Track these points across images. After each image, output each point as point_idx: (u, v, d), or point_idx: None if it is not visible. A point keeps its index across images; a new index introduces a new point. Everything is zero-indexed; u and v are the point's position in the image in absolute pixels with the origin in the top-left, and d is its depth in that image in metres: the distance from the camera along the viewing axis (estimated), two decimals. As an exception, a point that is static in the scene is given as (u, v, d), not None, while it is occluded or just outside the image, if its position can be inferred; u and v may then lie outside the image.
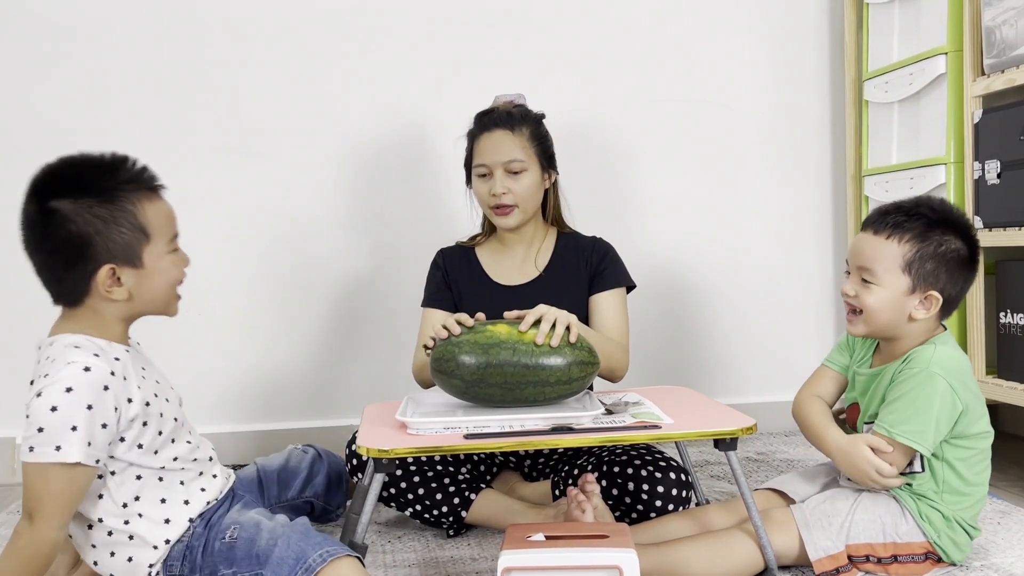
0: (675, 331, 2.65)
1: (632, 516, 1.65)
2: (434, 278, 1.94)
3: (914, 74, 2.23)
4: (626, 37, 2.59)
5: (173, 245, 1.34)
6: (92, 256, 1.26)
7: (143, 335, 1.44)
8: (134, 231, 1.27)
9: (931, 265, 1.44)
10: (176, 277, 1.35)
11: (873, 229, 1.48)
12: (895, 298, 1.46)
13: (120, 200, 1.27)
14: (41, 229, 1.27)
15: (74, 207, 1.25)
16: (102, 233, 1.25)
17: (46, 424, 1.20)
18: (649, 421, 1.43)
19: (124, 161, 1.31)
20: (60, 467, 1.20)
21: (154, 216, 1.30)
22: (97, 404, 1.22)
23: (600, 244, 1.93)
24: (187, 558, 1.31)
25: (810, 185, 2.70)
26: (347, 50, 2.46)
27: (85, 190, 1.26)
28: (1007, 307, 1.99)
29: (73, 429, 1.20)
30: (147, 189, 1.31)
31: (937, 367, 1.42)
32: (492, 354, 1.45)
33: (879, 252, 1.46)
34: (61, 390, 1.20)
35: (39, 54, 2.34)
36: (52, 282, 1.30)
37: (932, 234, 1.44)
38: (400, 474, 1.70)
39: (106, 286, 1.27)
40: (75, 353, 1.24)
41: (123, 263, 1.28)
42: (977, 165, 2.03)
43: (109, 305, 1.29)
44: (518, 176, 1.82)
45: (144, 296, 1.31)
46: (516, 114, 1.86)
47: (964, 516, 1.47)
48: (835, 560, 1.43)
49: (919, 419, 1.42)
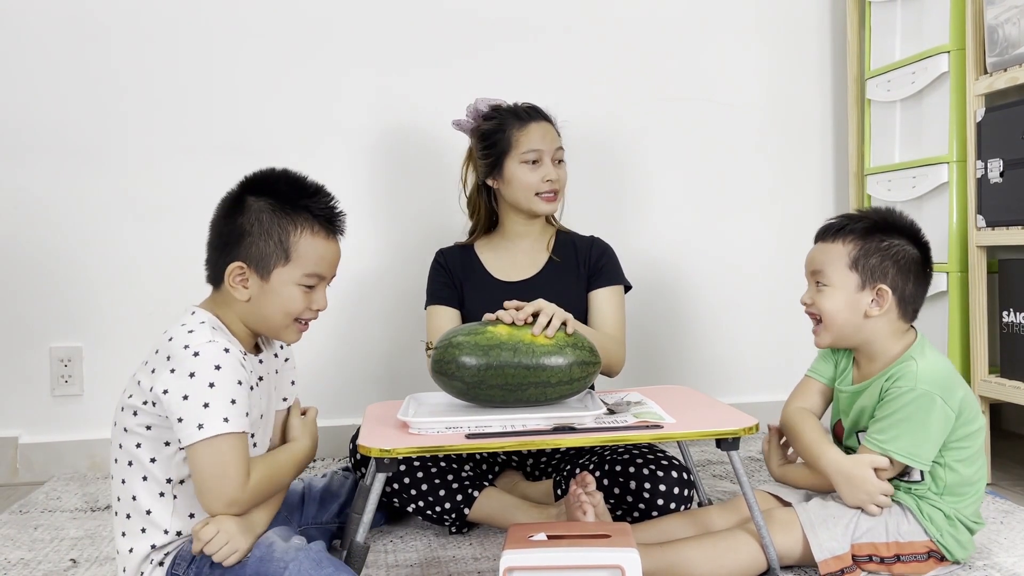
0: (677, 330, 2.65)
1: (634, 515, 1.65)
2: (437, 277, 1.96)
3: (916, 73, 2.23)
4: (627, 37, 2.59)
5: (311, 281, 1.37)
6: (236, 249, 1.35)
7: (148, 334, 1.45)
8: (278, 248, 1.34)
9: (876, 259, 1.49)
10: (295, 309, 1.37)
11: (821, 238, 1.57)
12: (848, 297, 1.51)
13: (290, 217, 1.35)
14: (224, 210, 1.38)
15: (256, 204, 1.35)
16: (254, 235, 1.34)
17: (211, 399, 1.25)
18: (651, 421, 1.42)
19: (322, 193, 1.40)
20: (231, 437, 1.25)
21: (308, 248, 1.36)
22: (241, 379, 1.29)
23: (598, 242, 1.98)
24: (193, 562, 1.29)
25: (812, 184, 2.70)
26: (349, 51, 2.46)
27: (273, 195, 1.36)
28: (1009, 306, 1.98)
29: (232, 402, 1.26)
30: (323, 225, 1.38)
31: (926, 384, 1.44)
32: (493, 355, 1.45)
33: (827, 253, 1.54)
34: (210, 367, 1.26)
35: (41, 53, 2.34)
36: (208, 259, 1.40)
37: (874, 233, 1.51)
38: (403, 470, 1.70)
39: (232, 279, 1.35)
40: (213, 333, 1.30)
41: (254, 268, 1.35)
42: (980, 164, 2.02)
43: (234, 301, 1.36)
44: (562, 165, 1.93)
45: (259, 310, 1.37)
46: (547, 111, 1.94)
47: (966, 512, 1.48)
48: (840, 561, 1.42)
49: (914, 437, 1.43)
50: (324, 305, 1.40)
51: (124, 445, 1.32)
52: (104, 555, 1.72)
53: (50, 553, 1.73)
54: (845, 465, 1.47)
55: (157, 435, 1.31)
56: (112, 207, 2.38)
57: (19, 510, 2.03)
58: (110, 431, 1.38)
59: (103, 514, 1.99)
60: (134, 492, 1.32)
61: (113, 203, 2.38)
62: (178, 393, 1.25)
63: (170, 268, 2.39)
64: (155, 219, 2.40)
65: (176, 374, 1.26)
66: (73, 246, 2.37)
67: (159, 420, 1.30)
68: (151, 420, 1.30)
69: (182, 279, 2.40)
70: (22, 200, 2.34)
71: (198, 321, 1.33)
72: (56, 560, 1.69)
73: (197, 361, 1.26)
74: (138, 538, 1.32)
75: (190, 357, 1.26)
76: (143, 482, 1.31)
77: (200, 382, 1.25)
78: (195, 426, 1.24)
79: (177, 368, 1.26)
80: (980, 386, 2.02)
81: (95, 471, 2.36)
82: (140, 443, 1.31)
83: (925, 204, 2.23)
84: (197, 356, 1.26)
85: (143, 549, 1.31)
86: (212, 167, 2.41)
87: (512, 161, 1.89)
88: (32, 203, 2.34)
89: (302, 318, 1.39)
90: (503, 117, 1.92)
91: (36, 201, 2.34)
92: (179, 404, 1.25)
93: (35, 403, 2.37)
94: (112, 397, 2.36)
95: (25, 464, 2.35)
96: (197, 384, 1.25)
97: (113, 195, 2.38)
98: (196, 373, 1.25)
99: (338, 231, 1.41)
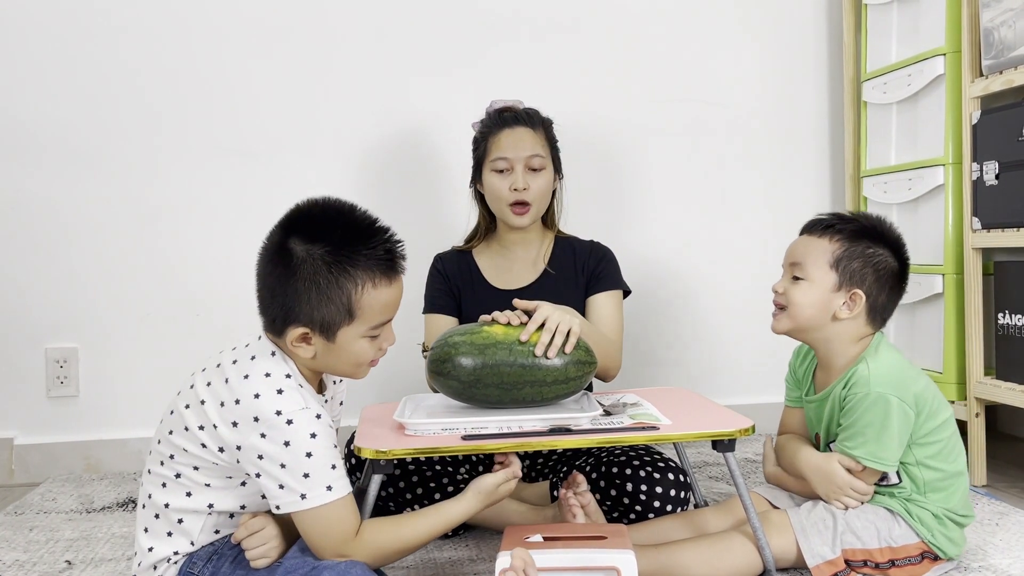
0: (673, 332, 2.65)
1: (630, 517, 1.65)
2: (435, 283, 1.95)
3: (912, 75, 2.23)
4: (624, 38, 2.59)
5: (378, 331, 1.30)
6: (294, 311, 1.25)
7: (144, 336, 1.44)
8: (341, 310, 1.25)
9: (858, 264, 1.49)
10: (364, 359, 1.31)
11: (808, 231, 1.55)
12: (822, 295, 1.50)
13: (349, 274, 1.24)
14: (271, 262, 1.27)
15: (308, 258, 1.23)
16: (312, 300, 1.24)
17: (310, 469, 1.20)
18: (647, 422, 1.43)
19: (379, 232, 1.28)
20: (335, 503, 1.22)
21: (372, 302, 1.26)
22: (335, 441, 1.25)
23: (598, 248, 1.95)
24: (210, 561, 1.28)
25: (809, 186, 2.70)
26: (351, 53, 2.46)
27: (325, 241, 1.23)
28: (1005, 308, 1.99)
29: (333, 468, 1.22)
30: (385, 272, 1.27)
31: (879, 386, 1.44)
32: (489, 355, 1.45)
33: (810, 247, 1.52)
34: (306, 436, 1.20)
35: (40, 54, 2.34)
36: (261, 309, 1.30)
37: (862, 238, 1.50)
38: (399, 474, 1.70)
39: (294, 342, 1.26)
40: (301, 393, 1.24)
41: (317, 331, 1.26)
42: (975, 166, 2.03)
43: (296, 355, 1.29)
44: (537, 173, 1.85)
45: (327, 364, 1.31)
46: (534, 115, 1.89)
47: (953, 507, 1.48)
48: (833, 566, 1.42)
49: (877, 441, 1.44)
50: (392, 341, 1.33)
51: (176, 458, 1.27)
52: (99, 557, 1.71)
53: (45, 555, 1.73)
54: (816, 460, 1.51)
55: (222, 471, 1.27)
56: (109, 208, 2.38)
57: (14, 511, 2.03)
58: (154, 428, 1.34)
59: (99, 516, 1.98)
60: (168, 500, 1.28)
61: (110, 204, 2.38)
62: (274, 460, 1.20)
63: (167, 269, 2.39)
64: (152, 220, 2.39)
65: (268, 439, 1.20)
66: (69, 247, 2.36)
67: (231, 468, 1.26)
68: (219, 459, 1.25)
69: (180, 281, 2.41)
70: (18, 200, 2.34)
71: (283, 375, 1.25)
72: (51, 562, 1.69)
73: (291, 430, 1.20)
74: (162, 540, 1.29)
75: (283, 425, 1.20)
76: (187, 498, 1.28)
77: (297, 452, 1.20)
78: (297, 496, 1.20)
79: (268, 434, 1.20)
80: (976, 388, 2.02)
81: (91, 472, 2.36)
82: (198, 466, 1.27)
83: (921, 206, 2.24)
84: (291, 424, 1.20)
85: (164, 551, 1.29)
86: (211, 168, 2.42)
87: (486, 168, 1.88)
88: (29, 203, 2.34)
89: (373, 360, 1.33)
90: (487, 122, 1.90)
91: (33, 201, 2.34)
92: (277, 471, 1.20)
93: (31, 404, 2.36)
94: (108, 398, 2.39)
95: (20, 465, 2.34)
96: (294, 454, 1.20)
97: (110, 196, 2.38)
98: (291, 443, 1.20)
99: (400, 271, 1.31)
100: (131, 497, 2.10)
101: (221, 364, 1.28)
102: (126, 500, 2.10)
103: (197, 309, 2.40)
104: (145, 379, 2.37)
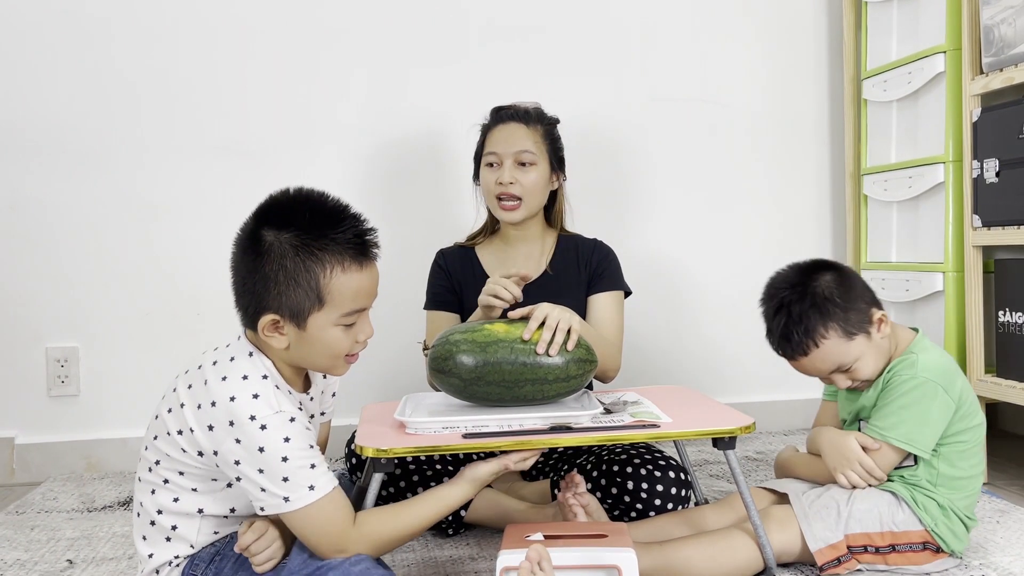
0: (674, 330, 2.65)
1: (631, 515, 1.65)
2: (437, 280, 1.95)
3: (913, 73, 2.23)
4: (624, 37, 2.59)
5: (351, 319, 1.26)
6: (265, 299, 1.24)
7: (145, 334, 1.44)
8: (310, 294, 1.23)
9: (853, 315, 1.50)
10: (339, 350, 1.28)
11: (793, 357, 1.54)
12: (869, 348, 1.51)
13: (316, 256, 1.22)
14: (242, 250, 1.26)
15: (276, 243, 1.22)
16: (280, 284, 1.22)
17: (288, 473, 1.20)
18: (648, 420, 1.42)
19: (347, 217, 1.26)
20: (321, 501, 1.21)
21: (341, 286, 1.23)
22: (311, 442, 1.25)
23: (601, 247, 1.95)
24: (212, 562, 1.29)
25: (809, 184, 2.71)
26: (349, 51, 2.46)
27: (293, 227, 1.23)
28: (1006, 306, 1.99)
29: (312, 467, 1.22)
30: (354, 257, 1.24)
31: (927, 372, 1.47)
32: (490, 352, 1.45)
33: (821, 358, 1.51)
34: (279, 440, 1.20)
35: (39, 54, 2.34)
36: (237, 302, 1.29)
37: (820, 305, 1.49)
38: (399, 473, 1.70)
39: (266, 331, 1.25)
40: (277, 395, 1.23)
41: (287, 318, 1.24)
42: (976, 164, 2.03)
43: (270, 347, 1.27)
44: (527, 169, 1.84)
45: (301, 355, 1.28)
46: (532, 112, 1.89)
47: (960, 506, 1.48)
48: (835, 549, 1.44)
49: (914, 423, 1.45)
50: (370, 333, 1.30)
51: (162, 463, 1.27)
52: (101, 556, 1.71)
53: (46, 554, 1.73)
54: (832, 433, 1.55)
55: (206, 475, 1.26)
56: (109, 207, 2.38)
57: (15, 511, 2.03)
58: (144, 430, 1.34)
59: (100, 515, 1.99)
60: (160, 507, 1.28)
61: (110, 203, 2.38)
62: (251, 465, 1.20)
63: (167, 268, 2.39)
64: (152, 219, 2.40)
65: (242, 445, 1.20)
66: (70, 246, 2.36)
67: (214, 471, 1.25)
68: (200, 464, 1.25)
69: (179, 279, 2.41)
70: (18, 200, 2.34)
71: (259, 376, 1.24)
72: (52, 561, 1.69)
73: (264, 436, 1.19)
74: (161, 546, 1.29)
75: (257, 431, 1.19)
76: (174, 503, 1.28)
77: (272, 457, 1.19)
78: (280, 499, 1.20)
79: (243, 440, 1.20)
80: (977, 386, 2.02)
81: (91, 471, 2.36)
82: (183, 471, 1.27)
83: (921, 204, 2.24)
84: (264, 430, 1.19)
85: (164, 556, 1.29)
86: (210, 167, 2.42)
87: (481, 164, 1.90)
88: (29, 203, 2.34)
89: (350, 352, 1.30)
90: (489, 117, 1.92)
91: (33, 201, 2.34)
92: (256, 476, 1.20)
93: (31, 403, 2.36)
94: (109, 397, 2.39)
95: (21, 465, 2.34)
96: (269, 460, 1.19)
97: (110, 195, 2.38)
98: (265, 448, 1.19)
99: (372, 257, 1.27)
100: (132, 496, 2.10)
101: (202, 366, 1.27)
102: (127, 499, 2.10)
103: (198, 308, 2.40)
104: (146, 378, 2.37)
